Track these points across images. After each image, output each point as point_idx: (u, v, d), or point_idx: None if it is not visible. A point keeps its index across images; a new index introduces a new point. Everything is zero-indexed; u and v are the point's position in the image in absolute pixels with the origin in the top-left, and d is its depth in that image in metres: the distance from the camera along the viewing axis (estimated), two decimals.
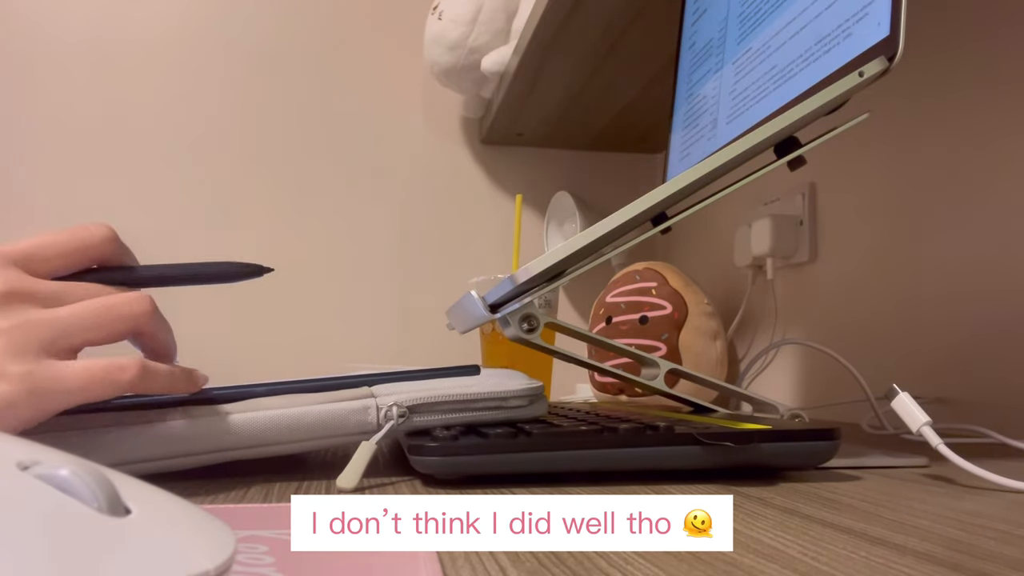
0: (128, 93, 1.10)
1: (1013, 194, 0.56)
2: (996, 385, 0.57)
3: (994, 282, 0.58)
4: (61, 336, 0.31)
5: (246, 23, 1.14)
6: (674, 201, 0.39)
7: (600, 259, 0.42)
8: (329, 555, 0.22)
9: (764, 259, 0.82)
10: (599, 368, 0.46)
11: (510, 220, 1.17)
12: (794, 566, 0.21)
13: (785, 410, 0.46)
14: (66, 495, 0.14)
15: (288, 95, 1.15)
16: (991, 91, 0.58)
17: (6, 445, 0.15)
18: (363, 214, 1.16)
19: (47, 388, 0.29)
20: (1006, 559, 0.22)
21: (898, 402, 0.37)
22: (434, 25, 1.02)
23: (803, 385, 0.81)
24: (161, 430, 0.34)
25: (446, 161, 1.19)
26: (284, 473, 0.38)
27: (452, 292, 1.15)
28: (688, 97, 0.64)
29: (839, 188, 0.76)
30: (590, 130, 1.14)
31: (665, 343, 0.66)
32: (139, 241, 1.10)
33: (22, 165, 1.06)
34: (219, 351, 1.02)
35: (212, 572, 0.13)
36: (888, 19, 0.36)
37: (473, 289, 0.42)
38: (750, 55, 0.52)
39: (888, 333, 0.69)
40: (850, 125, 0.39)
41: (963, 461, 0.34)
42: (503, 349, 0.74)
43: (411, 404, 0.37)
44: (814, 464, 0.38)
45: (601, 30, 0.82)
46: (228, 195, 1.12)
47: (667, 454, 0.35)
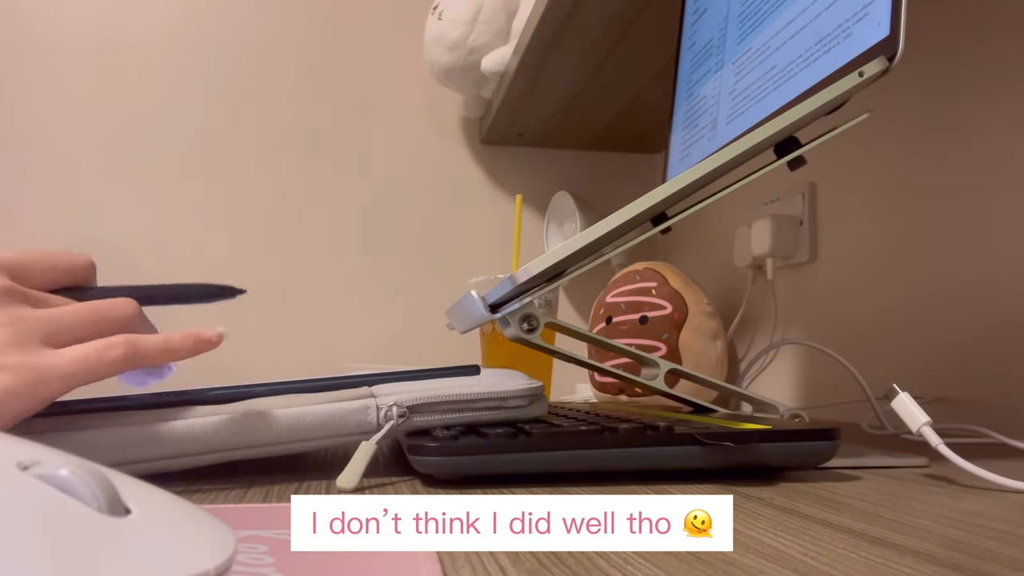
0: (127, 93, 1.10)
1: (1013, 194, 0.56)
2: (996, 385, 0.57)
3: (994, 282, 0.58)
4: (54, 332, 0.32)
5: (245, 23, 1.14)
6: (674, 201, 0.39)
7: (600, 259, 0.42)
8: (329, 555, 0.22)
9: (764, 259, 0.82)
10: (599, 368, 0.46)
11: (510, 220, 1.17)
12: (794, 566, 0.21)
13: (785, 410, 0.46)
14: (66, 495, 0.14)
15: (288, 95, 1.15)
16: (991, 91, 0.58)
17: (6, 445, 0.15)
18: (363, 214, 1.16)
19: (44, 376, 0.30)
20: (1006, 559, 0.22)
21: (898, 402, 0.37)
22: (434, 25, 1.02)
23: (803, 385, 0.81)
24: (161, 430, 0.34)
25: (446, 161, 1.19)
26: (284, 473, 0.38)
27: (452, 292, 1.15)
28: (688, 97, 0.64)
29: (839, 188, 0.76)
30: (590, 130, 1.14)
31: (665, 343, 0.66)
32: (139, 241, 1.10)
33: (22, 164, 1.06)
34: (219, 351, 1.02)
35: (212, 572, 0.13)
36: (888, 19, 0.36)
37: (473, 289, 0.42)
38: (750, 55, 0.52)
39: (888, 333, 0.69)
40: (850, 125, 0.39)
41: (963, 461, 0.34)
42: (503, 349, 0.74)
43: (411, 404, 0.37)
44: (814, 464, 0.38)
45: (601, 30, 0.82)
46: (227, 195, 1.12)
47: (667, 454, 0.35)
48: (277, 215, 1.13)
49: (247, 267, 1.11)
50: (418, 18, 1.12)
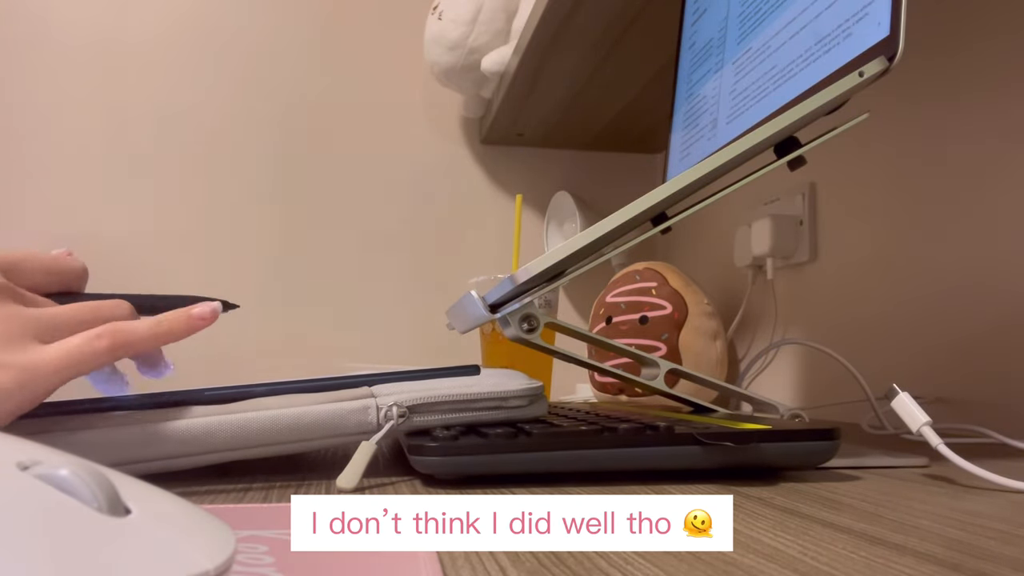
0: (127, 93, 1.10)
1: (1013, 194, 0.56)
2: (996, 385, 0.57)
3: (994, 282, 0.58)
4: (47, 331, 0.32)
5: (245, 24, 1.14)
6: (674, 201, 0.39)
7: (600, 259, 0.42)
8: (329, 555, 0.22)
9: (764, 259, 0.82)
10: (599, 368, 0.46)
11: (510, 220, 1.17)
12: (794, 566, 0.21)
13: (785, 410, 0.46)
14: (66, 495, 0.14)
15: (288, 95, 1.15)
16: (991, 91, 0.58)
17: (6, 445, 0.15)
18: (363, 214, 1.15)
19: (34, 373, 0.30)
20: (1006, 559, 0.22)
21: (898, 402, 0.37)
22: (434, 25, 1.02)
23: (803, 385, 0.81)
24: (161, 430, 0.34)
25: (446, 161, 1.19)
26: (284, 473, 0.38)
27: (452, 292, 1.15)
28: (688, 97, 0.64)
29: (839, 188, 0.76)
30: (590, 130, 1.14)
31: (665, 343, 0.66)
32: (139, 240, 1.10)
33: (22, 164, 1.06)
34: (219, 351, 1.02)
35: (212, 572, 0.13)
36: (888, 19, 0.36)
37: (473, 289, 0.42)
38: (750, 55, 0.52)
39: (888, 333, 0.69)
40: (850, 125, 0.39)
41: (963, 461, 0.34)
42: (503, 349, 0.74)
43: (411, 404, 0.37)
44: (814, 464, 0.38)
45: (601, 30, 0.82)
46: (228, 194, 1.12)
47: (667, 454, 0.35)
48: (277, 214, 1.13)
49: (247, 266, 1.11)
50: (418, 18, 1.12)
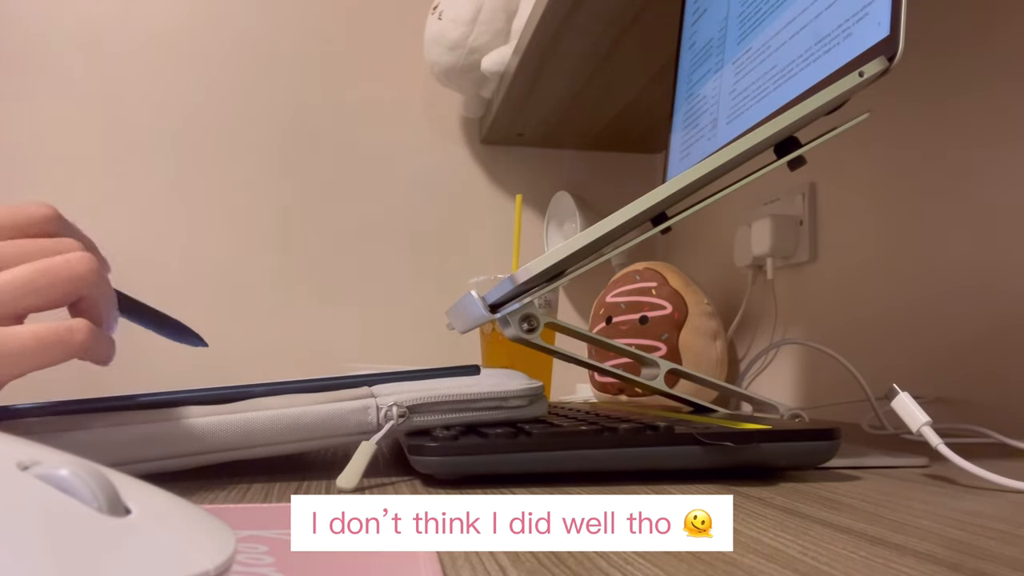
0: (127, 93, 1.10)
1: (1013, 194, 0.56)
2: (996, 385, 0.57)
3: (994, 282, 0.58)
4: None
5: (245, 24, 1.14)
6: (674, 201, 0.39)
7: (600, 259, 0.42)
8: (329, 555, 0.22)
9: (764, 259, 0.82)
10: (599, 368, 0.46)
11: (510, 220, 1.17)
12: (794, 566, 0.21)
13: (785, 410, 0.46)
14: (66, 495, 0.14)
15: (288, 95, 1.15)
16: (991, 91, 0.58)
17: (6, 445, 0.15)
18: (363, 214, 1.15)
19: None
20: (1006, 559, 0.22)
21: (898, 402, 0.37)
22: (434, 25, 1.02)
23: (803, 385, 0.81)
24: (161, 430, 0.34)
25: (446, 161, 1.19)
26: (284, 473, 0.38)
27: (452, 292, 1.15)
28: (688, 97, 0.64)
29: (839, 188, 0.76)
30: (590, 130, 1.14)
31: (665, 343, 0.66)
32: (138, 240, 1.10)
33: (22, 164, 1.06)
34: (219, 351, 1.02)
35: (212, 572, 0.13)
36: (888, 19, 0.36)
37: (473, 289, 0.42)
38: (750, 55, 0.52)
39: (888, 333, 0.69)
40: (850, 125, 0.39)
41: (963, 461, 0.34)
42: (503, 349, 0.74)
43: (411, 404, 0.37)
44: (814, 464, 0.38)
45: (601, 30, 0.82)
46: (227, 194, 1.12)
47: (667, 454, 0.35)
48: (277, 214, 1.13)
49: (247, 266, 1.11)
50: (418, 18, 1.12)
